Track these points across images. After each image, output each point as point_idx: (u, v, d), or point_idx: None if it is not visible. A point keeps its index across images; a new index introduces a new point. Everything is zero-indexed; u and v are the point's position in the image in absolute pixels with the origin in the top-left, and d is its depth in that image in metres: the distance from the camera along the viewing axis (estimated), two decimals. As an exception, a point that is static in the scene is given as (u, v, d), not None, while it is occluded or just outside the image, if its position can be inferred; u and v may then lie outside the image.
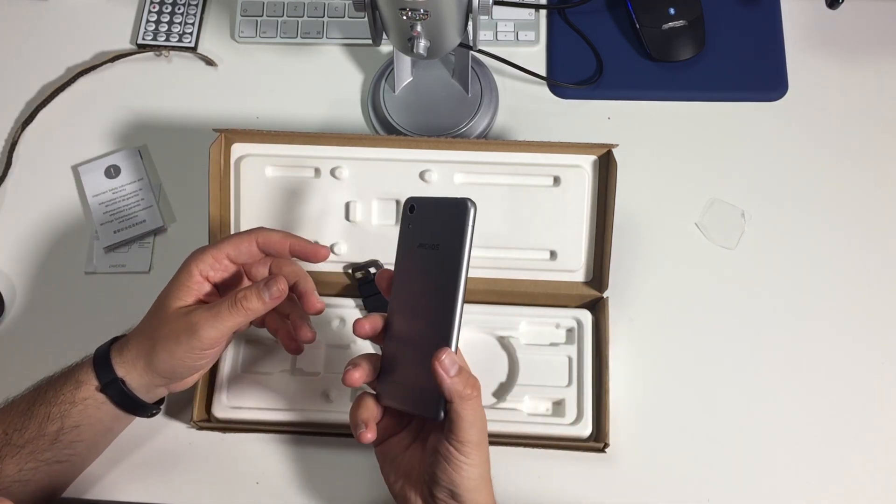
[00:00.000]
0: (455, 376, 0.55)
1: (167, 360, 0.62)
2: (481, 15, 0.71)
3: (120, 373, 0.64)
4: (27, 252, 0.82)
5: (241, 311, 0.61)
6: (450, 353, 0.55)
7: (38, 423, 0.63)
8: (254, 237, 0.65)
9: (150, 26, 0.91)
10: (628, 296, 0.77)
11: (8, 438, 0.63)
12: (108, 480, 0.72)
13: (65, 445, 0.64)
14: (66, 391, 0.64)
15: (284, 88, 0.88)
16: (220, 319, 0.61)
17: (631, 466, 0.72)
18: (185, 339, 0.61)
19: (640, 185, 0.81)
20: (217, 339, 0.62)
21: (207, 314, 0.61)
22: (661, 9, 0.87)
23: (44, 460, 0.64)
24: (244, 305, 0.61)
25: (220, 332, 0.61)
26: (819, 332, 0.76)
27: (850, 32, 0.89)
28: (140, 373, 0.64)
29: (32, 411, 0.63)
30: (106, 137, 0.87)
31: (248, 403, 0.72)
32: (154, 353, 0.62)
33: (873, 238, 0.80)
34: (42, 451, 0.63)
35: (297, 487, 0.72)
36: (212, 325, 0.61)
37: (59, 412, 0.63)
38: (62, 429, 0.63)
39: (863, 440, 0.72)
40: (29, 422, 0.63)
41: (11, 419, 0.64)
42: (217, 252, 0.64)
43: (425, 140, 0.75)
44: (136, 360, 0.64)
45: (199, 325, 0.61)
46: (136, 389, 0.64)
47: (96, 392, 0.64)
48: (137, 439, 0.72)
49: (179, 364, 0.63)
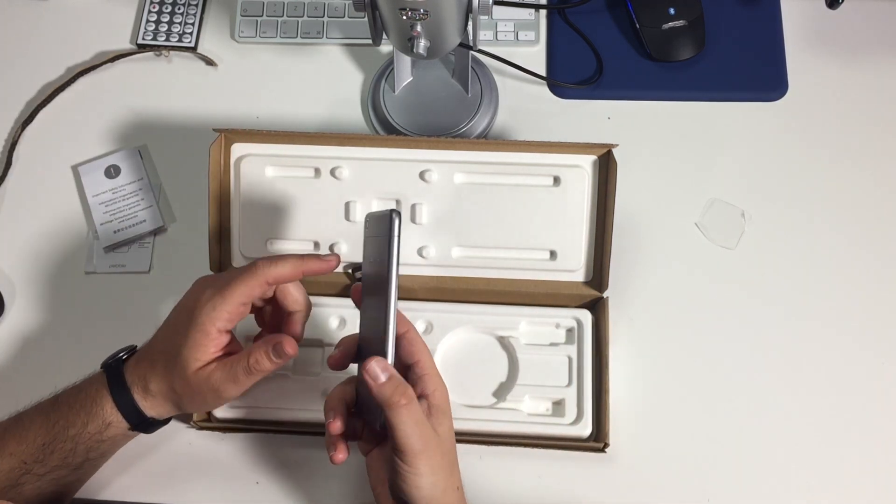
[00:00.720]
0: (384, 384, 0.56)
1: (194, 408, 0.67)
2: (481, 15, 0.71)
3: (150, 414, 0.65)
4: (27, 252, 0.82)
5: (256, 374, 0.63)
6: (379, 361, 0.57)
7: (61, 457, 0.64)
8: (263, 278, 0.63)
9: (150, 26, 0.91)
10: (628, 296, 0.77)
11: (28, 468, 0.63)
12: (109, 481, 0.72)
13: (86, 471, 0.67)
14: (91, 430, 0.64)
15: (284, 88, 0.88)
16: (239, 384, 0.63)
17: (631, 466, 0.72)
18: (212, 399, 0.64)
19: (640, 185, 0.81)
20: (238, 395, 0.65)
21: (226, 377, 0.62)
22: (661, 9, 0.87)
23: (64, 484, 0.66)
24: (258, 369, 0.63)
25: (241, 391, 0.64)
26: (819, 332, 0.76)
27: (850, 32, 0.89)
28: (168, 410, 0.66)
29: (54, 447, 0.64)
30: (106, 137, 0.87)
31: (249, 403, 0.72)
32: (181, 405, 0.65)
33: (873, 238, 0.80)
34: (64, 476, 0.65)
35: (297, 487, 0.72)
36: (233, 388, 0.63)
37: (86, 448, 0.64)
38: (88, 459, 0.65)
39: (862, 440, 0.72)
40: (50, 456, 0.64)
41: (31, 451, 0.64)
42: (231, 307, 0.62)
43: (425, 140, 0.75)
44: (163, 402, 0.65)
45: (221, 389, 0.63)
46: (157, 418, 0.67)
47: (127, 430, 0.66)
48: (138, 440, 0.72)
49: (204, 409, 0.69)
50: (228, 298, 0.62)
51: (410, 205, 0.74)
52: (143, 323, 0.69)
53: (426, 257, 0.75)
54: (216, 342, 0.63)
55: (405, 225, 0.75)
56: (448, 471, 0.59)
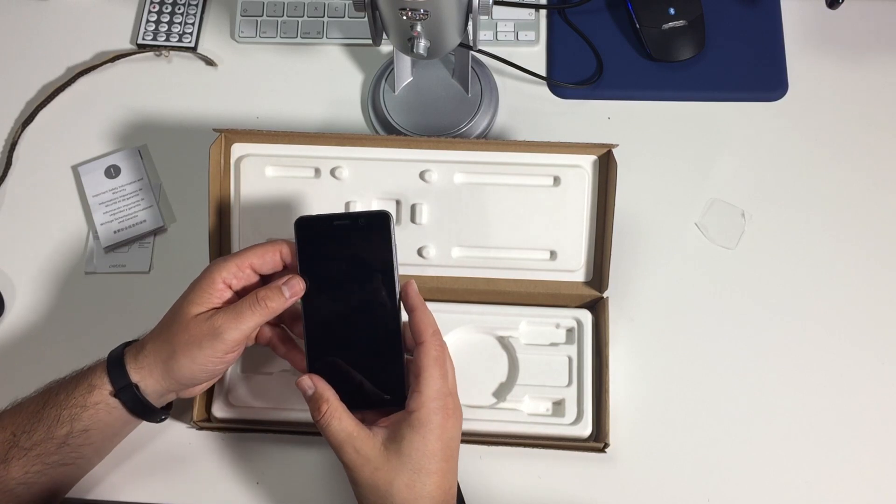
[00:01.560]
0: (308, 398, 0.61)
1: (188, 366, 0.62)
2: (481, 15, 0.71)
3: (135, 378, 0.64)
4: (27, 252, 0.82)
5: (263, 309, 0.62)
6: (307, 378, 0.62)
7: (46, 426, 0.63)
8: (278, 248, 0.64)
9: (150, 26, 0.91)
10: (628, 296, 0.77)
11: (15, 440, 0.63)
12: (109, 481, 0.72)
13: (72, 449, 0.64)
14: (77, 394, 0.64)
15: (284, 88, 0.88)
16: (242, 320, 0.61)
17: (631, 466, 0.72)
18: (209, 343, 0.61)
19: (640, 185, 0.81)
20: (239, 340, 0.62)
21: (230, 315, 0.62)
22: (661, 9, 0.87)
23: (50, 463, 0.63)
24: (267, 304, 0.62)
25: (242, 333, 0.62)
26: (819, 332, 0.76)
27: (850, 32, 0.89)
28: (156, 379, 0.64)
29: (42, 414, 0.63)
30: (106, 137, 0.87)
31: (248, 403, 0.72)
32: (174, 359, 0.62)
33: (873, 238, 0.80)
34: (49, 454, 0.63)
35: (297, 487, 0.72)
36: (235, 327, 0.61)
37: (70, 415, 0.63)
38: (71, 432, 0.63)
39: (862, 440, 0.72)
40: (38, 424, 0.63)
41: (20, 421, 0.64)
42: (241, 261, 0.64)
43: (425, 140, 0.75)
44: (153, 366, 0.64)
45: (223, 327, 0.61)
46: (148, 395, 0.64)
47: (109, 397, 0.64)
48: (138, 440, 0.72)
49: (200, 369, 0.63)
50: (239, 255, 0.64)
51: (410, 205, 0.74)
52: (143, 323, 0.68)
53: (426, 257, 0.75)
54: (220, 293, 0.63)
55: (405, 225, 0.75)
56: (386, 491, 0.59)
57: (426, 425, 0.59)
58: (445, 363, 0.61)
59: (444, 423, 0.60)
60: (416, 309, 0.63)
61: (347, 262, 0.64)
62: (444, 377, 0.61)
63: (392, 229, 0.63)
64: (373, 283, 0.63)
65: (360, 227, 0.64)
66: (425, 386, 0.60)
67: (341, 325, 0.64)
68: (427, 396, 0.60)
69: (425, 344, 0.61)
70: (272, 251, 0.64)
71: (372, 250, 0.63)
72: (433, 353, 0.61)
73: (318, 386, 0.61)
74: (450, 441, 0.61)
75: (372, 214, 0.64)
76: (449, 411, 0.60)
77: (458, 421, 0.62)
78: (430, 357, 0.61)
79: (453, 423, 0.61)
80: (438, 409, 0.59)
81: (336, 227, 0.64)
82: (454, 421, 0.61)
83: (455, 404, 0.62)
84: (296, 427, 0.72)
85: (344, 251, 0.64)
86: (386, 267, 0.63)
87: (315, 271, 0.64)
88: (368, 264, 0.63)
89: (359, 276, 0.63)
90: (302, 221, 0.64)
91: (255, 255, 0.64)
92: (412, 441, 0.59)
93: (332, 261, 0.64)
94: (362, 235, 0.63)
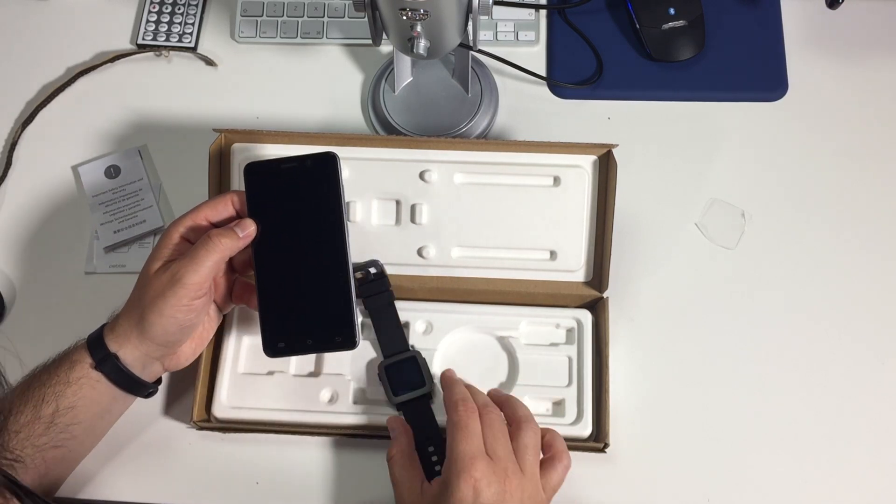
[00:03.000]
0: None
1: (157, 322, 0.63)
2: (481, 15, 0.71)
3: (113, 348, 0.64)
4: (27, 252, 0.82)
5: (217, 247, 0.63)
6: None
7: (32, 406, 0.63)
8: (229, 198, 0.67)
9: (150, 26, 0.91)
10: (628, 296, 0.77)
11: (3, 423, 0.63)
12: (108, 480, 0.72)
13: (60, 429, 0.64)
14: (60, 372, 0.64)
15: (284, 88, 0.88)
16: (198, 261, 0.62)
17: (631, 466, 0.72)
18: (171, 292, 0.62)
19: (640, 185, 0.81)
20: (199, 283, 0.63)
21: (185, 260, 0.63)
22: (661, 9, 0.87)
23: (39, 446, 0.63)
24: (219, 241, 0.63)
25: (201, 275, 0.63)
26: (819, 332, 0.76)
27: (850, 32, 0.89)
28: (134, 344, 0.65)
29: (27, 395, 0.64)
30: (106, 137, 0.87)
31: (248, 403, 0.72)
32: (144, 318, 0.63)
33: (873, 237, 0.80)
34: (38, 435, 0.63)
35: (297, 487, 0.72)
36: (192, 270, 0.62)
37: (54, 393, 0.63)
38: (57, 410, 0.63)
39: (863, 440, 0.72)
40: (24, 405, 0.63)
41: (6, 404, 0.63)
42: (196, 214, 0.66)
43: (425, 140, 0.75)
44: (128, 332, 0.65)
45: (181, 272, 0.62)
46: (130, 365, 0.65)
47: (91, 370, 0.64)
48: (138, 439, 0.72)
49: (169, 322, 0.63)
50: (194, 210, 0.66)
51: (410, 205, 0.74)
52: (143, 323, 0.68)
53: (426, 257, 0.75)
54: (178, 247, 0.65)
55: (405, 225, 0.75)
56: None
57: (449, 488, 0.59)
58: (467, 427, 0.61)
59: (460, 488, 0.58)
60: (445, 386, 0.67)
61: (296, 204, 0.65)
62: (465, 440, 0.60)
63: (339, 169, 0.64)
64: (321, 224, 0.64)
65: (307, 168, 0.65)
66: (447, 451, 0.61)
67: (291, 266, 0.65)
68: (449, 460, 0.61)
69: (447, 415, 0.63)
70: (224, 201, 0.66)
71: (320, 192, 0.64)
72: (453, 419, 0.62)
73: (397, 429, 0.67)
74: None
75: (318, 156, 0.65)
76: (475, 475, 0.59)
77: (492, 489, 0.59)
78: (450, 423, 0.62)
79: (486, 489, 0.58)
80: (459, 473, 0.59)
81: (283, 170, 0.65)
82: (486, 487, 0.58)
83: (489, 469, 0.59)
84: (296, 427, 0.72)
85: (292, 193, 0.65)
86: (334, 208, 0.64)
87: (265, 214, 0.65)
88: (316, 205, 0.64)
89: (307, 217, 0.65)
90: (251, 167, 0.66)
91: (209, 207, 0.66)
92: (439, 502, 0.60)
93: (280, 203, 0.65)
94: (310, 177, 0.64)
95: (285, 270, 0.65)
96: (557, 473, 0.63)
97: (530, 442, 0.62)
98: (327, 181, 0.64)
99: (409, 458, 0.65)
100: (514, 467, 0.61)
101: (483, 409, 0.63)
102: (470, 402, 0.63)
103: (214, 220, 0.66)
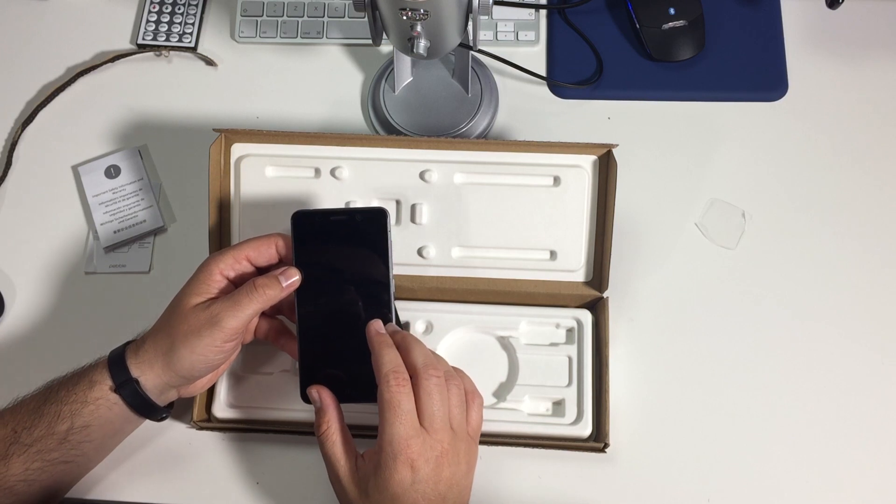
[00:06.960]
0: None
1: (187, 357, 0.63)
2: (481, 15, 0.71)
3: (135, 373, 0.64)
4: (27, 252, 0.82)
5: (260, 296, 0.62)
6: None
7: (47, 422, 0.63)
8: (273, 241, 0.66)
9: (150, 26, 0.91)
10: (628, 296, 0.77)
11: (16, 436, 0.63)
12: (109, 480, 0.72)
13: (72, 446, 0.64)
14: (78, 390, 0.64)
15: (284, 88, 0.88)
16: (240, 307, 0.62)
17: (631, 466, 0.72)
18: (207, 332, 0.62)
19: (640, 185, 0.81)
20: (237, 328, 0.62)
21: (227, 304, 0.62)
22: (661, 9, 0.87)
23: (50, 460, 0.63)
24: (264, 291, 0.62)
25: (240, 321, 0.62)
26: (819, 332, 0.76)
27: (850, 32, 0.89)
28: (157, 373, 0.64)
29: (43, 410, 0.63)
30: (106, 137, 0.87)
31: (248, 403, 0.72)
32: (173, 351, 0.63)
33: (873, 238, 0.80)
34: (50, 450, 0.63)
35: (297, 487, 0.72)
36: (233, 315, 0.62)
37: (70, 411, 0.63)
38: (72, 428, 0.63)
39: (863, 440, 0.72)
40: (39, 420, 0.63)
41: (21, 417, 0.64)
42: (238, 253, 0.65)
43: (425, 140, 0.75)
44: (153, 360, 0.64)
45: (221, 315, 0.61)
46: (149, 391, 0.65)
47: (110, 392, 0.64)
48: (138, 439, 0.72)
49: (199, 360, 0.63)
50: (236, 248, 0.65)
51: (410, 205, 0.74)
52: (143, 323, 0.68)
53: (426, 257, 0.75)
54: (217, 284, 0.64)
55: (405, 225, 0.75)
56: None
57: (383, 470, 0.57)
58: (400, 405, 0.57)
59: (398, 470, 0.56)
60: (372, 350, 0.61)
61: (342, 257, 0.64)
62: (397, 421, 0.57)
63: (388, 226, 0.64)
64: (367, 278, 0.64)
65: (356, 222, 0.65)
66: (379, 432, 0.58)
67: (334, 318, 0.64)
68: (380, 442, 0.58)
69: (378, 387, 0.59)
70: (268, 244, 0.65)
71: (367, 246, 0.64)
72: (384, 396, 0.58)
73: (324, 401, 0.62)
74: (413, 487, 0.57)
75: (369, 211, 0.65)
76: (411, 455, 0.57)
77: (430, 465, 0.57)
78: (381, 400, 0.58)
79: (424, 465, 0.57)
80: (395, 455, 0.57)
81: (332, 222, 0.65)
82: (424, 464, 0.57)
83: (425, 445, 0.57)
84: (296, 427, 0.72)
85: (339, 246, 0.64)
86: (381, 263, 0.64)
87: (310, 265, 0.64)
88: (363, 260, 0.64)
89: (353, 271, 0.64)
90: (299, 215, 0.65)
91: (252, 248, 0.65)
92: (376, 483, 0.57)
93: (327, 255, 0.64)
94: (358, 231, 0.64)
95: (328, 323, 0.64)
96: (477, 413, 0.62)
97: (456, 400, 0.60)
98: (376, 236, 0.64)
99: (341, 432, 0.61)
100: (447, 432, 0.58)
101: (422, 372, 0.59)
102: (401, 373, 0.59)
103: (255, 261, 0.65)
